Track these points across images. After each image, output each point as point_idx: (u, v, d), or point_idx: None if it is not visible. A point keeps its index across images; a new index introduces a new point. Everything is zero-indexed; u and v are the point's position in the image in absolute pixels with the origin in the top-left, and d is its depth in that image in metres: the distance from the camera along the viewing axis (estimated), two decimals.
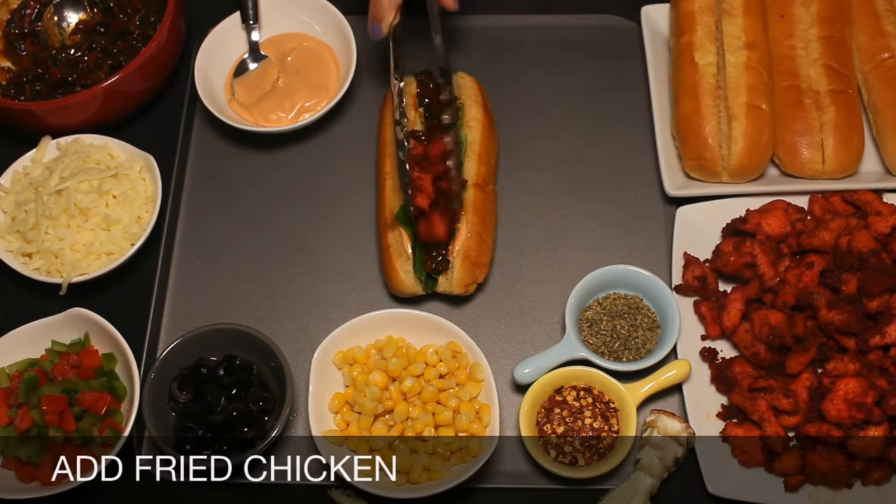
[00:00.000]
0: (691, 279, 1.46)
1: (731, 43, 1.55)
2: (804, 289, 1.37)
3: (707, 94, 1.53)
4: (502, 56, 1.71)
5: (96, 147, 1.56)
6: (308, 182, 1.62)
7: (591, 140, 1.64)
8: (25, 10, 1.69)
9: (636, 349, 1.43)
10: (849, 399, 1.31)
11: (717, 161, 1.51)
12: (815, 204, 1.49)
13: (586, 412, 1.38)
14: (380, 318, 1.43)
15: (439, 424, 1.36)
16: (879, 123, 1.54)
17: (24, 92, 1.61)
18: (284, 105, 1.63)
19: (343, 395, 1.41)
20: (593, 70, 1.70)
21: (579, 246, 1.55)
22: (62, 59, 1.63)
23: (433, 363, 1.40)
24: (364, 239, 1.56)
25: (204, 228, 1.59)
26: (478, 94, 1.57)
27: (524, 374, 1.40)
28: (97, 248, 1.48)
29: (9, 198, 1.53)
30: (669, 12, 1.66)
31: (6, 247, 1.50)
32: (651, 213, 1.57)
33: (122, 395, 1.41)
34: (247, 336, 1.40)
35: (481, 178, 1.49)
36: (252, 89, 1.66)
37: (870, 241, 1.40)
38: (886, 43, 1.56)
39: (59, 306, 1.44)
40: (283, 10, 1.71)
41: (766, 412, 1.34)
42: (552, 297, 1.51)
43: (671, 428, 1.34)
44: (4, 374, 1.41)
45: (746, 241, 1.44)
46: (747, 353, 1.39)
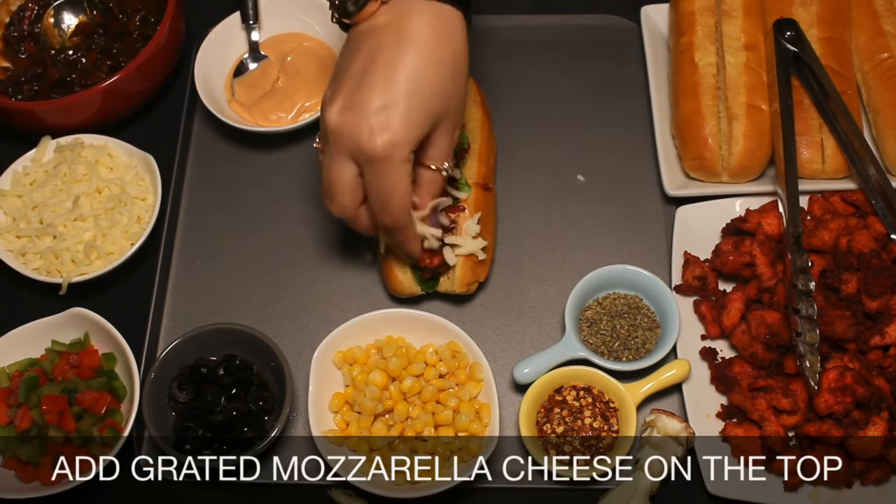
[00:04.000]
0: (691, 279, 1.46)
1: (731, 44, 1.55)
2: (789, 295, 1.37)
3: (707, 95, 1.53)
4: (502, 56, 1.71)
5: (96, 147, 1.56)
6: (308, 182, 1.62)
7: (591, 140, 1.64)
8: (25, 12, 1.69)
9: (636, 349, 1.43)
10: (832, 388, 1.31)
11: (717, 161, 1.51)
12: (815, 204, 1.49)
13: (586, 412, 1.38)
14: (379, 317, 1.43)
15: (439, 424, 1.36)
16: (879, 123, 1.54)
17: (21, 91, 1.61)
18: (284, 105, 1.63)
19: (343, 394, 1.41)
20: (593, 70, 1.70)
21: (579, 246, 1.55)
22: (61, 59, 1.64)
23: (433, 363, 1.41)
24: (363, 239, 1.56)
25: (204, 228, 1.59)
26: (477, 93, 1.57)
27: (524, 374, 1.40)
28: (97, 248, 1.48)
29: (9, 198, 1.53)
30: (669, 13, 1.66)
31: (6, 247, 1.50)
32: (651, 213, 1.57)
33: (122, 395, 1.41)
34: (247, 336, 1.40)
35: (481, 178, 1.49)
36: (252, 89, 1.66)
37: (870, 241, 1.40)
38: (886, 43, 1.56)
39: (59, 306, 1.44)
40: (283, 10, 1.71)
41: (765, 411, 1.34)
42: (552, 297, 1.51)
43: (671, 428, 1.34)
44: (4, 373, 1.41)
45: (746, 241, 1.44)
46: (745, 353, 1.39)
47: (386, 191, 1.23)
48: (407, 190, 1.25)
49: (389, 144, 1.19)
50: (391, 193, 1.24)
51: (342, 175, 1.25)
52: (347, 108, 1.20)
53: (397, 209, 1.26)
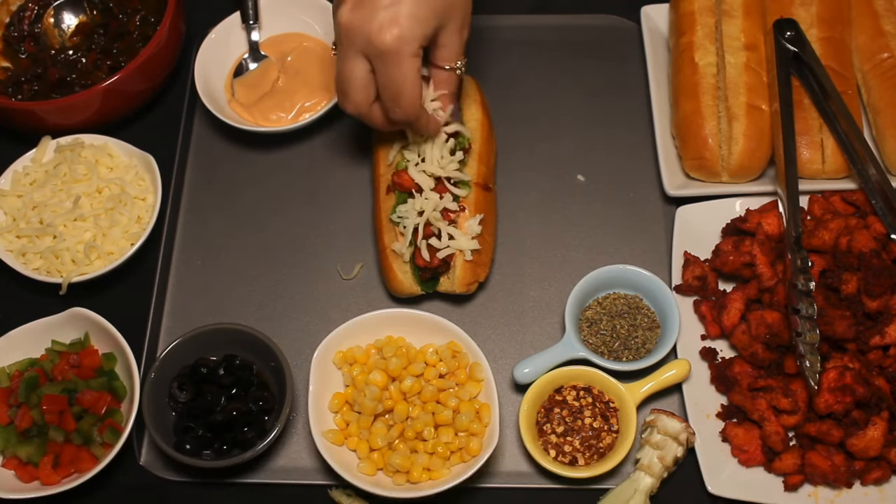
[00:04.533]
0: (691, 279, 1.46)
1: (731, 44, 1.55)
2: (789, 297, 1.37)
3: (707, 95, 1.53)
4: (502, 56, 1.71)
5: (96, 147, 1.56)
6: (308, 182, 1.62)
7: (591, 140, 1.64)
8: (25, 12, 1.69)
9: (636, 349, 1.43)
10: (831, 388, 1.31)
11: (717, 161, 1.51)
12: (815, 204, 1.49)
13: (586, 412, 1.38)
14: (379, 317, 1.43)
15: (439, 424, 1.36)
16: (879, 123, 1.54)
17: (21, 91, 1.61)
18: (284, 105, 1.63)
19: (343, 394, 1.41)
20: (593, 70, 1.70)
21: (579, 246, 1.55)
22: (61, 59, 1.64)
23: (433, 363, 1.40)
24: (364, 239, 1.56)
25: (204, 228, 1.59)
26: (476, 93, 1.57)
27: (524, 374, 1.40)
28: (97, 248, 1.48)
29: (9, 198, 1.53)
30: (669, 12, 1.66)
31: (6, 247, 1.50)
32: (651, 213, 1.57)
33: (122, 394, 1.41)
34: (247, 336, 1.40)
35: (482, 178, 1.50)
36: (252, 89, 1.66)
37: (870, 241, 1.40)
38: (885, 43, 1.56)
39: (59, 306, 1.44)
40: (283, 10, 1.71)
41: (765, 411, 1.34)
42: (552, 297, 1.51)
43: (671, 428, 1.34)
44: (4, 373, 1.41)
45: (746, 241, 1.44)
46: (745, 353, 1.39)
47: (397, 85, 1.30)
48: (417, 84, 1.31)
49: (399, 39, 1.26)
50: (402, 87, 1.30)
51: (354, 72, 1.31)
52: (358, 6, 1.27)
53: (408, 103, 1.32)
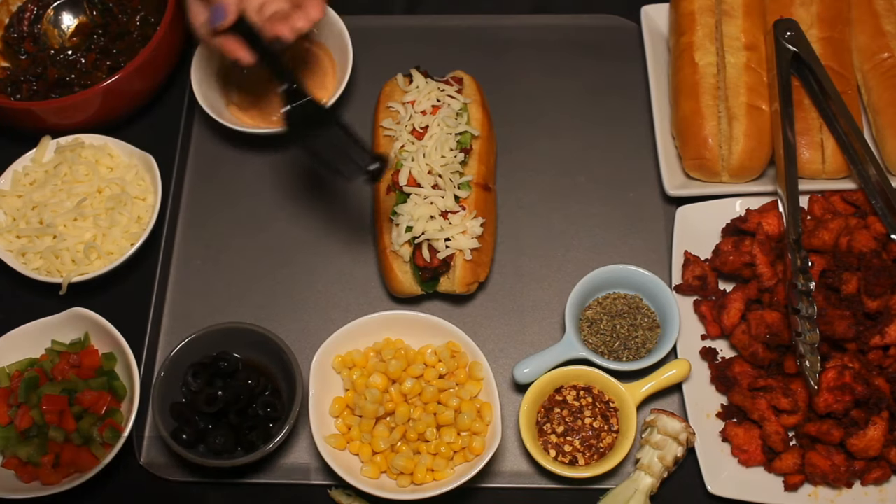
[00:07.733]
0: (691, 278, 1.46)
1: (731, 44, 1.55)
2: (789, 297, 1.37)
3: (707, 95, 1.53)
4: (502, 56, 1.71)
5: (96, 147, 1.56)
6: (307, 182, 1.62)
7: (591, 140, 1.64)
8: (24, 12, 1.69)
9: (636, 349, 1.43)
10: (830, 387, 1.31)
11: (717, 161, 1.51)
12: (815, 204, 1.49)
13: (586, 412, 1.38)
14: (377, 320, 1.42)
15: (441, 424, 1.36)
16: (879, 123, 1.54)
17: (20, 91, 1.61)
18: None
19: (343, 398, 1.40)
20: (593, 70, 1.70)
21: (579, 246, 1.55)
22: (60, 59, 1.63)
23: (432, 364, 1.40)
24: (363, 239, 1.56)
25: (204, 228, 1.59)
26: (477, 93, 1.57)
27: (524, 374, 1.40)
28: (97, 248, 1.48)
29: (9, 198, 1.53)
30: (669, 12, 1.66)
31: (6, 247, 1.50)
32: (651, 213, 1.57)
33: (122, 394, 1.41)
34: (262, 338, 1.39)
35: (482, 178, 1.50)
36: (250, 91, 1.65)
37: (870, 240, 1.40)
38: (886, 43, 1.56)
39: (59, 306, 1.44)
40: None
41: (765, 411, 1.34)
42: (552, 296, 1.51)
43: (671, 428, 1.34)
44: (4, 373, 1.41)
45: (746, 241, 1.44)
46: (745, 353, 1.39)
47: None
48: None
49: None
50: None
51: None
52: None
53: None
